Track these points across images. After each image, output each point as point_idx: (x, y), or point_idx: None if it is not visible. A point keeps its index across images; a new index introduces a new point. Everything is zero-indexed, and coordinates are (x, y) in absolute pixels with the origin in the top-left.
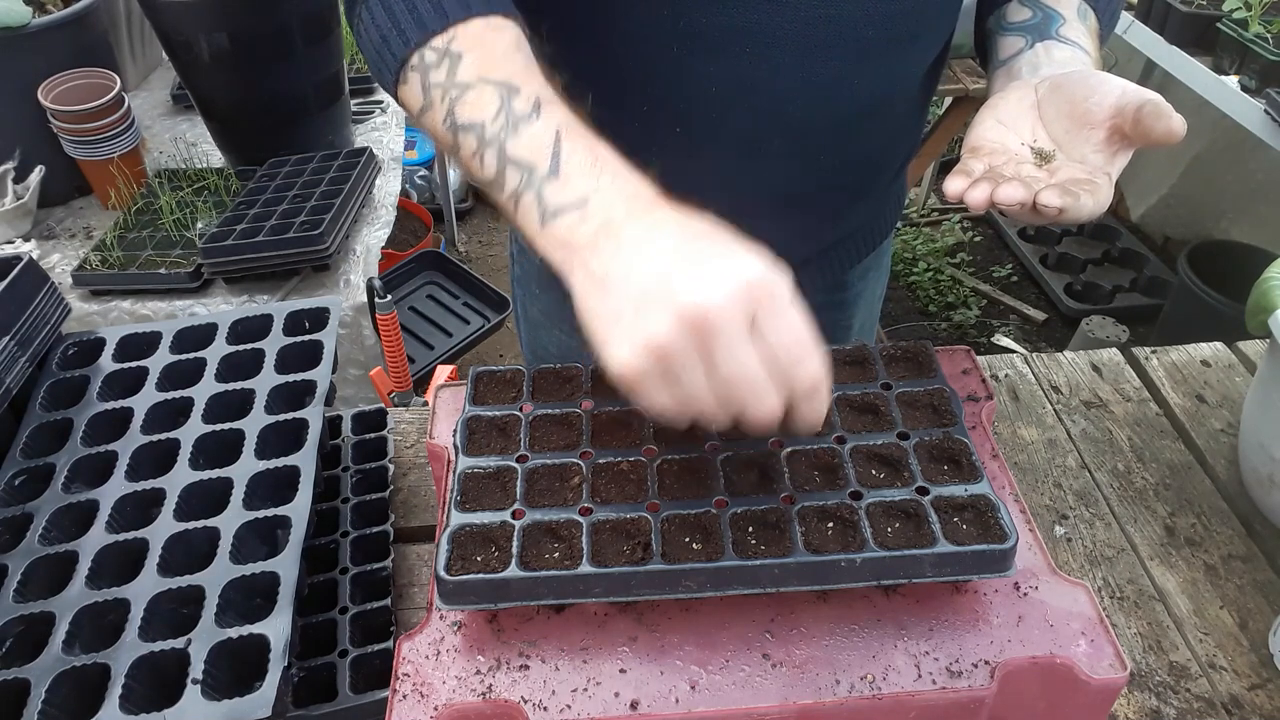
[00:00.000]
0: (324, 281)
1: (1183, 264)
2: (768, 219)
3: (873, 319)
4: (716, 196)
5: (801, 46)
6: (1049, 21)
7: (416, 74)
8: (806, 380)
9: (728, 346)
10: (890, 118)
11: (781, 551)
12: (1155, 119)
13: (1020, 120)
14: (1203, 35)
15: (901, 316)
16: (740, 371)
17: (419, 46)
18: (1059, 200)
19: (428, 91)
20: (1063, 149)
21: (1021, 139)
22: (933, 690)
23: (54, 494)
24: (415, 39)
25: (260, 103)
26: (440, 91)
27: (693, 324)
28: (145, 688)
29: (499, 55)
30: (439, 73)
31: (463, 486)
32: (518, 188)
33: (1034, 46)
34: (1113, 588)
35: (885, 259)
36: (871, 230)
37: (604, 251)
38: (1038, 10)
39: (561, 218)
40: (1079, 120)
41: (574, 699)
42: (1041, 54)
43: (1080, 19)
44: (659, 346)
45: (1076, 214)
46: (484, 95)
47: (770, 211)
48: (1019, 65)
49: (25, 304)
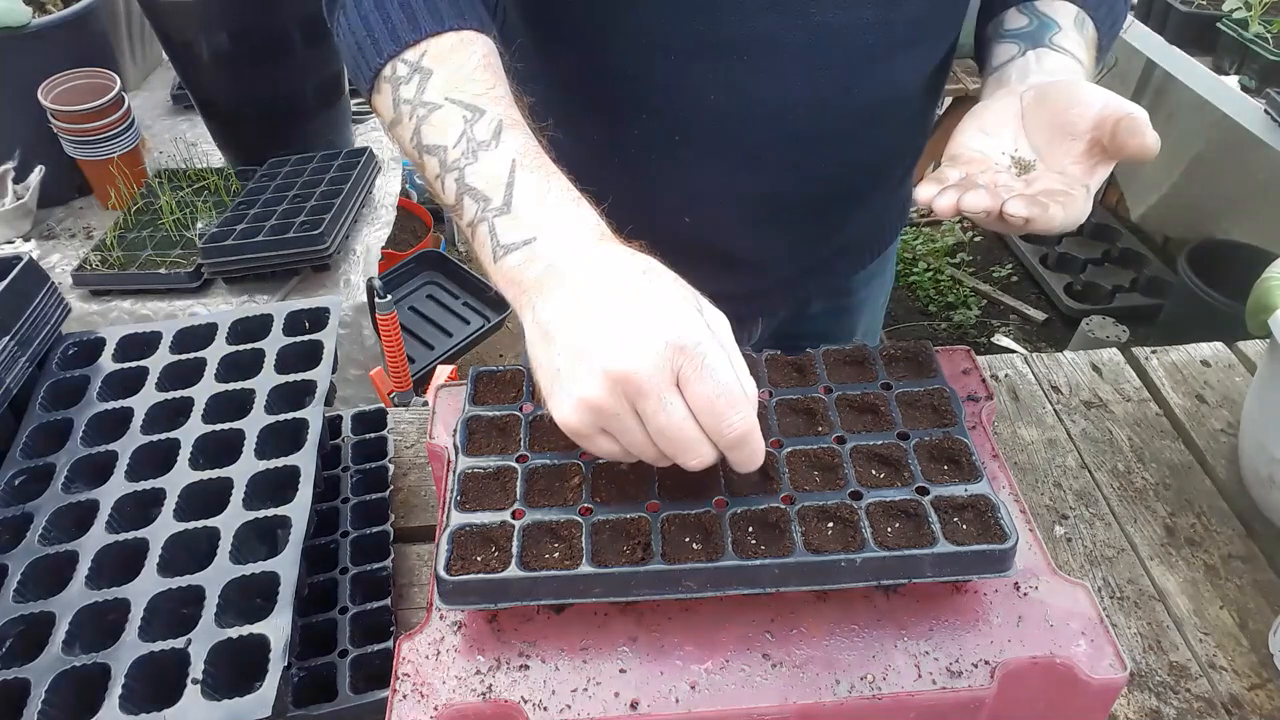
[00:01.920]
0: (324, 281)
1: (1183, 264)
2: (771, 226)
3: (876, 325)
4: (720, 204)
5: (803, 54)
6: (1044, 29)
7: (389, 85)
8: (731, 434)
9: (655, 404)
10: (894, 124)
11: (781, 551)
12: (1130, 134)
13: (1004, 129)
14: (1203, 35)
15: (902, 317)
16: (668, 427)
17: (392, 58)
18: (1025, 210)
19: (398, 106)
20: (1043, 159)
21: (1003, 148)
22: (933, 690)
23: (54, 494)
24: (389, 50)
25: (260, 103)
26: (409, 108)
27: (619, 385)
28: (145, 688)
29: (467, 73)
30: (409, 88)
31: (463, 486)
32: (474, 218)
33: (1026, 54)
34: (1113, 588)
35: (889, 265)
36: (876, 237)
37: (548, 297)
38: (1034, 18)
39: (511, 255)
40: (1061, 131)
41: (574, 699)
42: (1032, 62)
43: (1077, 28)
44: (592, 405)
45: (1045, 225)
46: (449, 117)
47: (774, 219)
48: (1009, 72)
49: (25, 304)
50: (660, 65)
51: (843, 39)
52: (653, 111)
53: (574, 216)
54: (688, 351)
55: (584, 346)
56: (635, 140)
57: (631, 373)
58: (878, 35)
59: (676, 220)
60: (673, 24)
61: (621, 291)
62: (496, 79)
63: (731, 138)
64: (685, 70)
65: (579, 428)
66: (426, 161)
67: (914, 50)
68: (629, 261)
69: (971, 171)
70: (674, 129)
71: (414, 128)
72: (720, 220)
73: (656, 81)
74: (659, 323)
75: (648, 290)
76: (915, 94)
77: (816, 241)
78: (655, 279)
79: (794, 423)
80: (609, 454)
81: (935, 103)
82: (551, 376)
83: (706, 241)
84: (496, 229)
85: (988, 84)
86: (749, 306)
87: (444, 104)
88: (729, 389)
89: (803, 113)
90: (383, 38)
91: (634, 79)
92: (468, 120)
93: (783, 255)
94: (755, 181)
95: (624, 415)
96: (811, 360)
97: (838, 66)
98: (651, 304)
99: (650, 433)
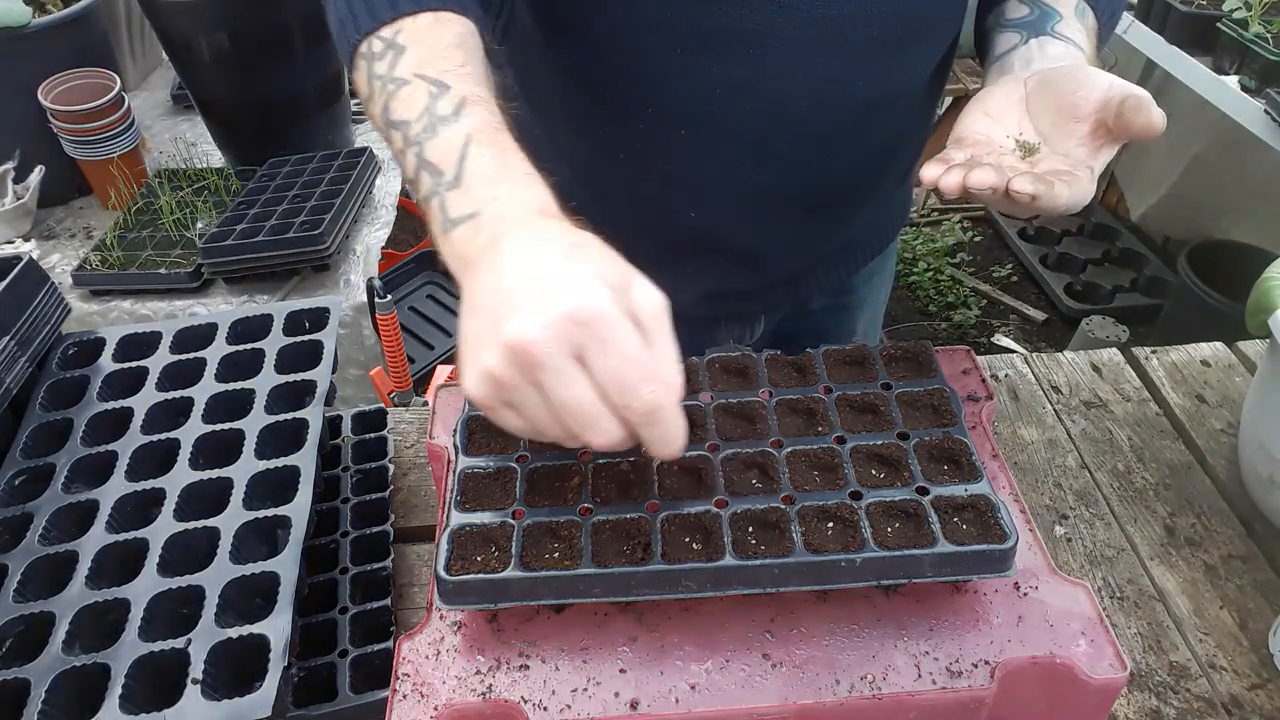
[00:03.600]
0: (324, 281)
1: (1183, 264)
2: (774, 222)
3: (876, 323)
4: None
5: (804, 47)
6: (1045, 18)
7: (365, 62)
8: (639, 408)
9: (553, 378)
10: (896, 118)
11: (781, 551)
12: (1136, 112)
13: (1007, 113)
14: (1203, 35)
15: (902, 316)
16: (569, 401)
17: (369, 34)
18: (1031, 187)
19: (371, 82)
20: (1048, 142)
21: (1007, 131)
22: (933, 690)
23: (54, 494)
24: (366, 27)
25: (260, 103)
26: (380, 84)
27: (516, 357)
28: (145, 688)
29: (439, 51)
30: (382, 64)
31: (463, 486)
32: (428, 192)
33: (1028, 42)
34: (1113, 588)
35: (890, 263)
36: (877, 234)
37: (480, 269)
38: (1035, 7)
39: (457, 229)
40: (1065, 114)
41: (574, 699)
42: (1035, 50)
43: (1078, 17)
44: (492, 377)
45: (1051, 203)
46: (415, 93)
47: (777, 214)
48: (1012, 60)
49: (25, 304)
50: (661, 59)
51: (845, 32)
52: (655, 105)
53: (520, 191)
54: (589, 325)
55: (491, 318)
56: (639, 135)
57: (528, 344)
58: (880, 28)
59: (682, 215)
60: (673, 17)
61: (538, 264)
62: (468, 58)
63: (733, 132)
64: (686, 64)
65: (482, 400)
66: (393, 136)
67: (917, 44)
68: (559, 237)
69: (977, 153)
70: (676, 123)
71: (384, 103)
72: (724, 215)
73: (657, 75)
74: (559, 295)
75: (563, 264)
76: (917, 89)
77: (818, 238)
78: (579, 252)
79: (794, 423)
80: (516, 429)
81: (936, 100)
82: (464, 348)
83: (711, 237)
84: (446, 203)
85: (990, 72)
86: (751, 303)
87: (412, 80)
88: (634, 364)
89: (804, 106)
90: (362, 15)
91: (635, 73)
92: (433, 96)
93: (785, 251)
94: (757, 176)
95: (523, 387)
96: (811, 360)
97: (840, 60)
98: (559, 277)
99: (552, 408)
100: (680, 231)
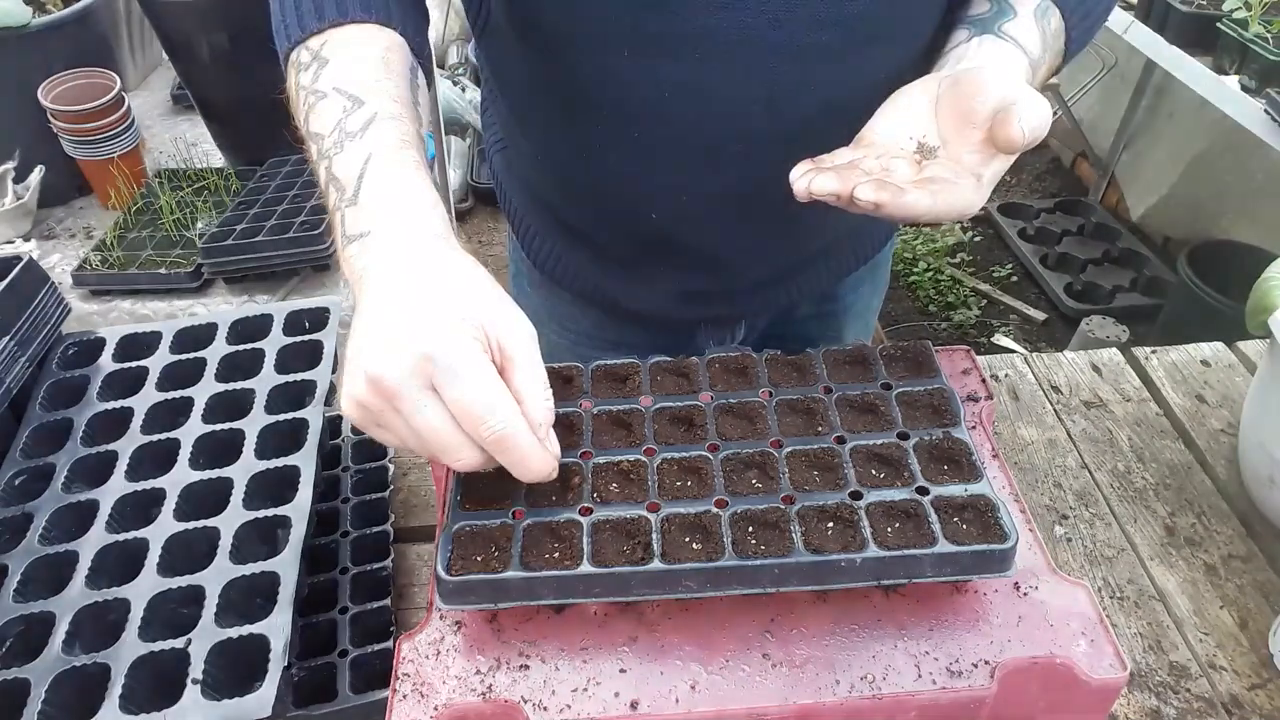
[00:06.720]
0: (324, 281)
1: (1183, 264)
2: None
3: (866, 332)
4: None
5: (753, 51)
6: (998, 16)
7: (294, 71)
8: (489, 438)
9: (409, 406)
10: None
11: (781, 551)
12: (1000, 124)
13: (918, 114)
14: (1203, 35)
15: (901, 316)
16: (424, 428)
17: (298, 44)
18: (874, 195)
19: (297, 92)
20: (947, 146)
21: (912, 133)
22: (933, 690)
23: (54, 494)
24: (296, 36)
25: (260, 103)
26: (304, 95)
27: (376, 388)
28: (145, 688)
29: (359, 65)
30: (307, 75)
31: (463, 486)
32: (333, 206)
33: (970, 40)
34: (1113, 588)
35: (881, 273)
36: (859, 242)
37: (366, 291)
38: (995, 4)
39: (350, 246)
40: (963, 119)
41: (574, 699)
42: (972, 49)
43: (1037, 17)
44: (358, 403)
45: (903, 212)
46: (331, 106)
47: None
48: (947, 59)
49: (25, 304)
50: (615, 63)
51: (794, 36)
52: (612, 109)
53: (412, 214)
54: (437, 361)
55: (360, 346)
56: (598, 135)
57: (382, 377)
58: (830, 33)
59: (644, 216)
60: (626, 21)
61: (407, 296)
62: (388, 73)
63: (684, 134)
64: (640, 68)
65: (355, 420)
66: (310, 148)
67: (871, 48)
68: (436, 266)
69: (869, 155)
70: (633, 127)
71: (305, 114)
72: (685, 218)
73: (609, 77)
74: (416, 332)
75: (428, 297)
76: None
77: (790, 243)
78: (450, 283)
79: (794, 423)
80: (391, 444)
81: None
82: (343, 368)
83: (674, 238)
84: (345, 219)
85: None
86: (727, 306)
87: (330, 93)
88: (481, 397)
89: (759, 110)
90: (293, 24)
91: (589, 73)
92: (346, 111)
93: (752, 256)
94: (715, 179)
95: (386, 413)
96: (811, 360)
97: (790, 64)
98: (420, 312)
99: (413, 432)
100: (647, 232)
